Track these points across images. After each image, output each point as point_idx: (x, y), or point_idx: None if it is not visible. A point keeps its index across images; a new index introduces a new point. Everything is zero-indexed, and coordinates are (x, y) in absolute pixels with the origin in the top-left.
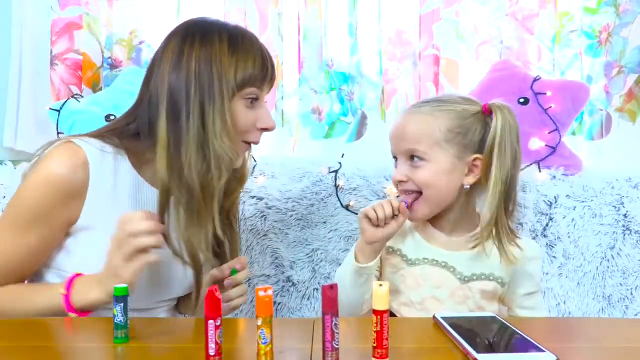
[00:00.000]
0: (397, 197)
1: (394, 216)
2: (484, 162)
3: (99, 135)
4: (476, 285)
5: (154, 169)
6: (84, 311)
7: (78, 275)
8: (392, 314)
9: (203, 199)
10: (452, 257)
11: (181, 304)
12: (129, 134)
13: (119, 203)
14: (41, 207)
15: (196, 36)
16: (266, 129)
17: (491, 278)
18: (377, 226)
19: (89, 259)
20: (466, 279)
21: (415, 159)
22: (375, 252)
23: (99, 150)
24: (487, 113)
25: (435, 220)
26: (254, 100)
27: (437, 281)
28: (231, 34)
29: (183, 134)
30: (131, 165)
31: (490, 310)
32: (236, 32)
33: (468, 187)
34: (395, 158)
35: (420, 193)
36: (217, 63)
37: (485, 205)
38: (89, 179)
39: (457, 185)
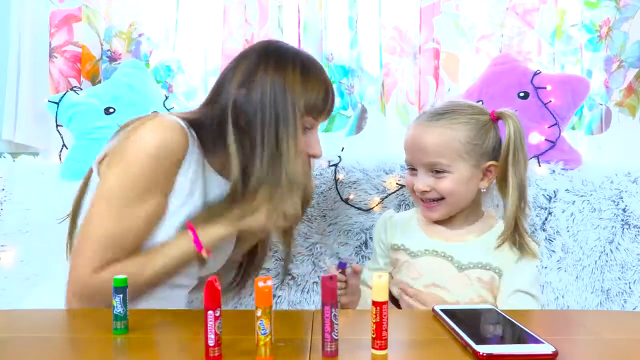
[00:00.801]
0: (401, 187)
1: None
2: (499, 169)
3: (181, 118)
4: (473, 273)
5: (220, 159)
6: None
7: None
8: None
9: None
10: (450, 247)
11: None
12: (200, 125)
13: (193, 182)
14: (153, 176)
15: (270, 59)
16: (313, 156)
17: (487, 267)
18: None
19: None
20: (463, 267)
21: (438, 171)
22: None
23: (186, 126)
24: (494, 120)
25: (445, 219)
26: (309, 128)
27: (437, 270)
28: (303, 62)
29: (256, 151)
30: (200, 151)
31: (492, 301)
32: (308, 61)
33: (484, 190)
34: (411, 167)
35: (442, 198)
36: (290, 89)
37: (506, 211)
38: (188, 146)
39: (475, 190)
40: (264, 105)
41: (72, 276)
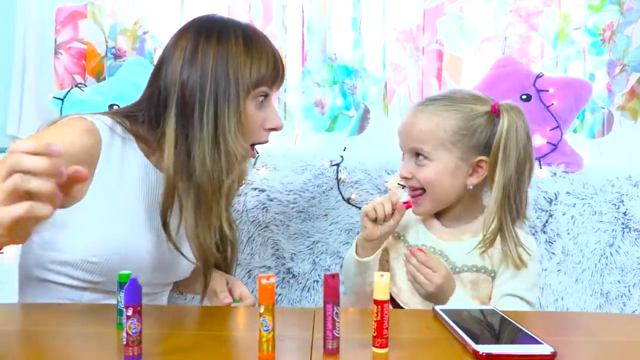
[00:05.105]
0: (401, 187)
1: (393, 212)
2: (489, 164)
3: (110, 115)
4: (467, 276)
5: (161, 155)
6: None
7: None
8: (391, 298)
9: (213, 196)
10: (447, 247)
11: (180, 283)
12: (138, 121)
13: (127, 184)
14: None
15: (211, 33)
16: (274, 129)
17: (482, 271)
18: (376, 221)
19: (88, 239)
20: (457, 269)
21: (420, 158)
22: (374, 248)
23: (109, 128)
24: (495, 113)
25: (439, 214)
26: (264, 100)
27: None
28: (245, 33)
29: (196, 132)
30: (139, 150)
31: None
32: (250, 30)
33: (471, 187)
34: (403, 153)
35: (424, 190)
36: (233, 61)
37: (488, 209)
38: (101, 150)
39: (461, 185)
40: (204, 80)
41: None
